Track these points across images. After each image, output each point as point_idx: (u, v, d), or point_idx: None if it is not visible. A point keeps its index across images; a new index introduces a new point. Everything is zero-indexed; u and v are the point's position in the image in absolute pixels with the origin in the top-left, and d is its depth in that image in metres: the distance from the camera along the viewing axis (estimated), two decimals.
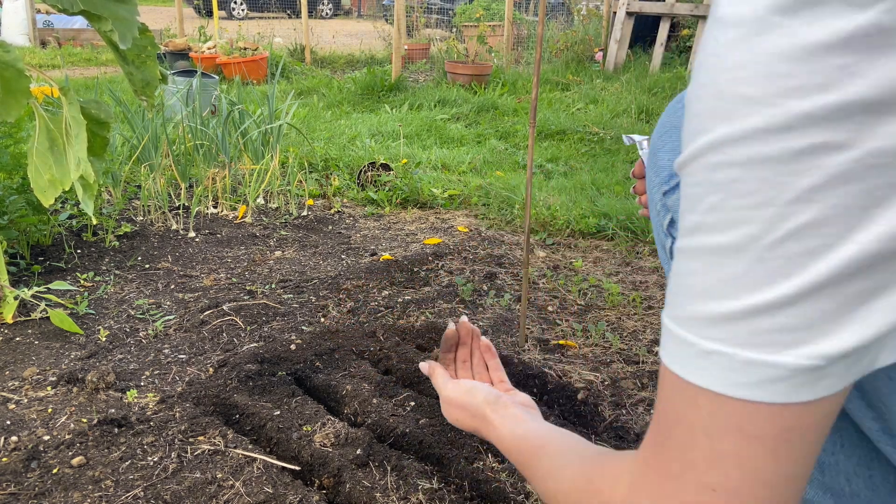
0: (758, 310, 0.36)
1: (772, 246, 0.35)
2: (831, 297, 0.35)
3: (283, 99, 4.30)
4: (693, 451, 0.41)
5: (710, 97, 0.36)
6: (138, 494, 1.13)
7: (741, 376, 0.37)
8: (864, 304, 0.35)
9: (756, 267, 0.36)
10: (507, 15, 7.58)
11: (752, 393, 0.37)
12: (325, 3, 17.86)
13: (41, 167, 1.37)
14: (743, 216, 0.36)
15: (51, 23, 9.61)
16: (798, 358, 0.36)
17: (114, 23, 1.19)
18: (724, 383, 0.38)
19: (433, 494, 1.13)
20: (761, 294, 0.36)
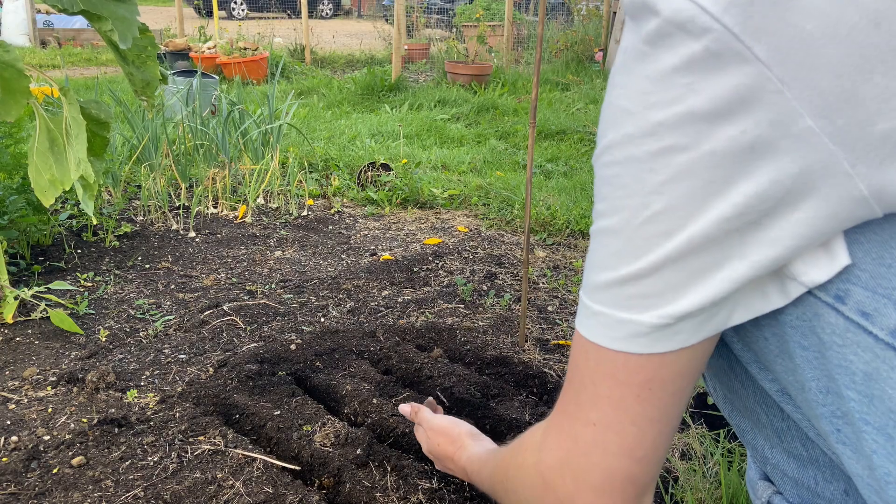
0: (627, 279, 0.46)
1: (637, 228, 0.44)
2: (678, 269, 0.44)
3: (283, 99, 4.31)
4: (582, 395, 0.51)
5: (607, 109, 0.45)
6: (138, 494, 1.13)
7: (615, 332, 0.47)
8: (703, 275, 0.44)
9: (627, 245, 0.45)
10: (507, 15, 7.58)
11: (622, 345, 0.47)
12: (325, 3, 17.86)
13: (41, 167, 1.37)
14: (620, 204, 0.45)
15: (51, 23, 9.61)
16: (653, 317, 0.45)
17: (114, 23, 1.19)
18: (604, 337, 0.48)
19: (433, 494, 1.13)
20: (629, 267, 0.45)
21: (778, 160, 0.40)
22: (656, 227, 0.43)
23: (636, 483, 0.51)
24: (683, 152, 0.41)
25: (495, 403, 1.43)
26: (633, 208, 0.44)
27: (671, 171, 0.42)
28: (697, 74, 0.40)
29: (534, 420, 1.37)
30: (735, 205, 0.42)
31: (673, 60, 0.41)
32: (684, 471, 1.23)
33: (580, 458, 0.52)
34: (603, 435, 0.50)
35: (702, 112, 0.41)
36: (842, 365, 0.45)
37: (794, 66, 0.38)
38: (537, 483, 0.57)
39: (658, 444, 0.51)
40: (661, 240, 0.43)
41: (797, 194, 0.41)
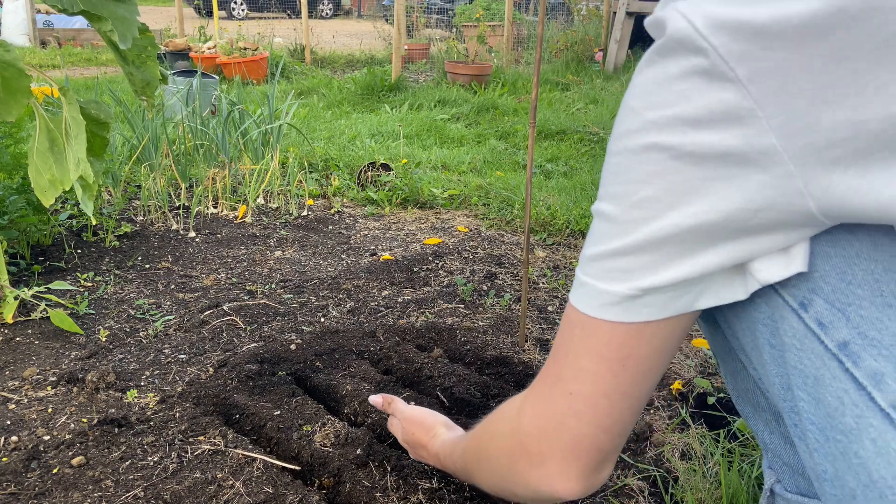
0: (610, 254, 0.52)
1: (624, 211, 0.50)
2: (653, 250, 0.50)
3: (283, 99, 4.31)
4: (564, 368, 0.58)
5: (622, 105, 0.51)
6: (138, 494, 1.13)
7: (595, 300, 0.54)
8: (673, 259, 0.50)
9: (614, 225, 0.51)
10: (507, 15, 7.58)
11: (599, 312, 0.54)
12: (325, 3, 17.86)
13: (42, 167, 1.37)
14: (614, 189, 0.51)
15: (51, 23, 9.61)
16: (625, 288, 0.51)
17: (114, 23, 1.19)
18: (586, 305, 0.55)
19: (433, 494, 1.13)
20: (613, 244, 0.51)
21: (745, 170, 0.46)
22: (640, 213, 0.49)
23: (602, 450, 0.58)
24: (668, 150, 0.47)
25: (495, 403, 1.42)
26: (623, 194, 0.50)
27: (657, 165, 0.48)
28: (690, 85, 0.46)
29: None
30: (707, 204, 0.47)
31: (673, 70, 0.47)
32: (684, 471, 1.23)
33: (555, 423, 0.59)
34: (578, 404, 0.57)
35: (689, 118, 0.46)
36: (797, 367, 0.50)
37: (769, 90, 0.43)
38: (512, 446, 0.63)
39: (625, 417, 0.58)
40: (642, 224, 0.49)
41: (760, 204, 0.46)
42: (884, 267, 0.47)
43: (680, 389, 1.49)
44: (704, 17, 0.44)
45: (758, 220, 0.47)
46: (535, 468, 0.61)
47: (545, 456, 0.60)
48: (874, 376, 0.47)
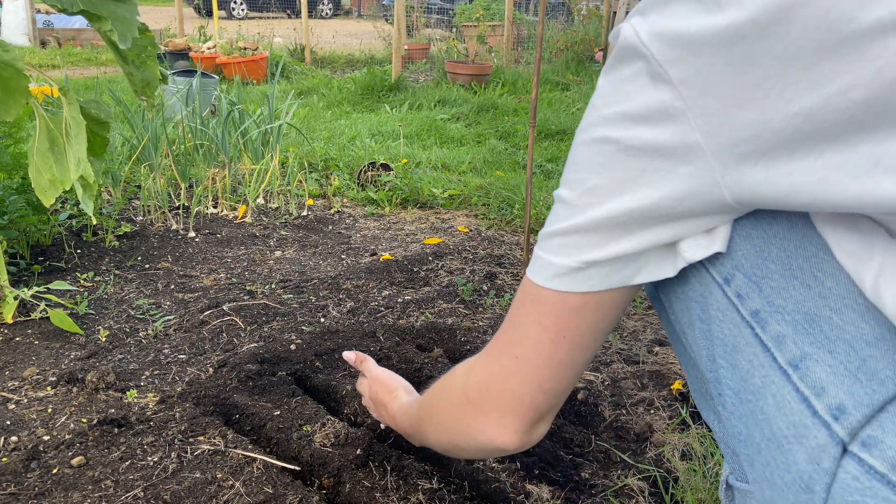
0: (561, 232, 0.59)
1: (577, 196, 0.57)
2: (597, 231, 0.57)
3: (283, 99, 4.31)
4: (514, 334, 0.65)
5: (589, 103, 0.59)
6: (138, 495, 1.12)
7: (546, 272, 0.60)
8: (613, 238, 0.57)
9: (569, 208, 0.58)
10: (507, 15, 7.58)
11: (549, 283, 0.60)
12: (325, 3, 17.85)
13: (42, 167, 1.37)
14: (572, 177, 0.58)
15: (51, 23, 9.61)
16: (571, 261, 0.58)
17: (114, 23, 1.19)
18: (538, 276, 0.61)
19: (433, 494, 1.13)
20: (565, 223, 0.58)
21: (674, 163, 0.52)
22: (590, 199, 0.56)
23: (539, 410, 0.66)
24: (615, 143, 0.54)
25: None
26: (578, 181, 0.58)
27: (606, 156, 0.55)
28: (635, 86, 0.52)
29: None
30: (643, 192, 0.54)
31: (624, 73, 0.53)
32: (684, 471, 1.23)
33: (500, 381, 0.66)
34: (521, 368, 0.64)
35: (632, 114, 0.53)
36: (719, 337, 0.57)
37: (696, 92, 0.49)
38: (460, 398, 0.72)
39: (562, 383, 0.65)
40: (590, 208, 0.56)
41: (684, 193, 0.53)
42: (795, 245, 0.54)
43: (680, 390, 1.49)
44: (647, 28, 0.51)
45: (683, 206, 0.54)
46: (478, 418, 0.68)
47: (488, 408, 0.67)
48: (777, 338, 0.53)
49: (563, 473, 1.22)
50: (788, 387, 0.52)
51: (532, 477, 1.19)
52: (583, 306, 0.61)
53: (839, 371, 0.51)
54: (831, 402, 0.51)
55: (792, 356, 0.52)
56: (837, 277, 0.53)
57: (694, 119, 0.50)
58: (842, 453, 0.50)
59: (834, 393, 0.51)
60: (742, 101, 0.48)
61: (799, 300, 0.53)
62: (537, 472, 1.20)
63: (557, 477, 1.21)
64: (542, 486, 1.16)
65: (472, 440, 0.70)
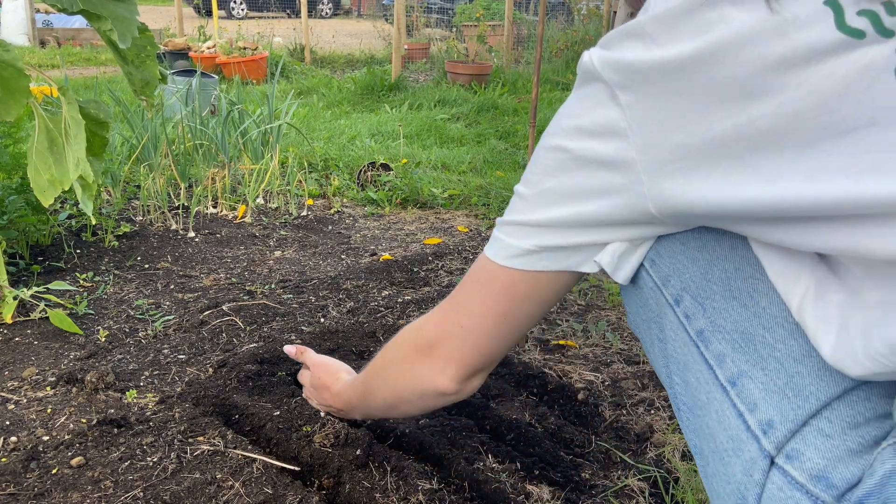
0: (520, 223, 0.67)
1: (534, 195, 0.65)
2: (549, 226, 0.65)
3: (283, 99, 4.30)
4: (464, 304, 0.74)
5: None
6: (137, 495, 1.12)
7: (505, 252, 0.68)
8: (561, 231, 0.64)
9: (527, 203, 0.66)
10: (507, 14, 7.57)
11: (507, 262, 0.68)
12: (325, 3, 17.84)
13: (41, 167, 1.36)
14: (531, 177, 0.66)
15: (50, 22, 9.60)
16: (528, 244, 0.66)
17: (113, 22, 1.19)
18: (496, 255, 0.69)
19: (433, 495, 1.13)
20: (525, 217, 0.66)
21: (613, 174, 0.58)
22: (543, 199, 0.64)
23: (475, 367, 0.76)
24: (568, 152, 0.61)
25: (495, 404, 1.42)
26: (536, 181, 0.65)
27: (559, 163, 0.62)
28: (591, 104, 0.59)
29: (534, 420, 1.37)
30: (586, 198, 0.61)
31: (585, 92, 0.60)
32: (685, 471, 1.23)
33: (445, 341, 0.76)
34: (466, 333, 0.74)
35: (585, 128, 0.60)
36: (673, 356, 0.62)
37: (637, 115, 0.56)
38: (410, 349, 0.81)
39: (499, 348, 0.75)
40: (542, 209, 0.64)
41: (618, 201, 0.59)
42: (735, 266, 0.59)
43: None
44: (598, 56, 0.59)
45: (618, 214, 0.61)
46: (424, 362, 0.78)
47: (433, 356, 0.77)
48: (718, 357, 0.57)
49: (563, 474, 1.22)
50: (727, 402, 0.56)
51: (532, 477, 1.19)
52: (532, 284, 0.69)
53: (769, 388, 0.55)
54: (762, 417, 0.54)
55: (730, 374, 0.56)
56: (771, 297, 0.57)
57: (633, 138, 0.56)
58: (769, 466, 0.53)
59: (764, 409, 0.54)
60: (672, 125, 0.54)
61: (737, 319, 0.57)
62: (537, 472, 1.20)
63: (558, 477, 1.20)
64: (542, 487, 1.16)
65: (416, 386, 0.80)
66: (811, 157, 0.49)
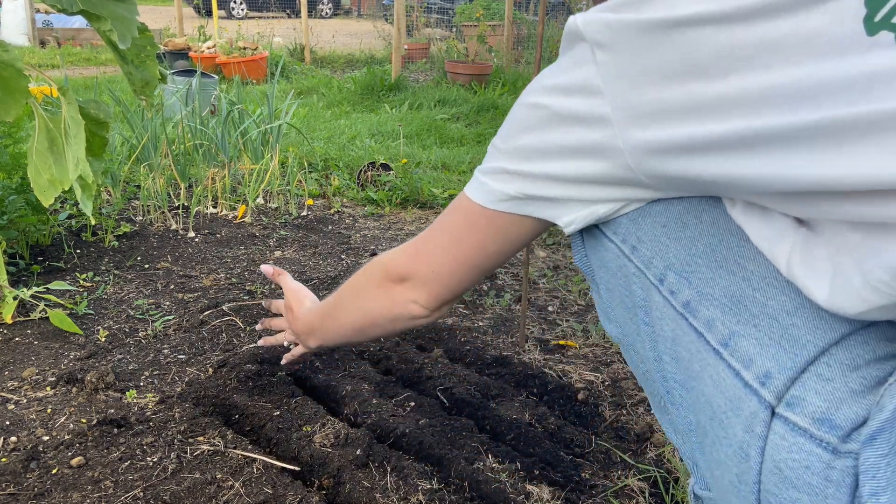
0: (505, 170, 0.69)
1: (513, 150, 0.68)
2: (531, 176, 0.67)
3: (283, 98, 4.30)
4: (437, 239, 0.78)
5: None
6: (138, 495, 1.12)
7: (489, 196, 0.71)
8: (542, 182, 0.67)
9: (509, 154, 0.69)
10: (507, 14, 7.57)
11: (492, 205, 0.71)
12: (325, 3, 17.84)
13: (41, 167, 1.36)
14: (510, 132, 0.69)
15: (50, 22, 9.60)
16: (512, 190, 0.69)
17: (113, 22, 1.19)
18: (481, 198, 0.72)
19: (433, 495, 1.13)
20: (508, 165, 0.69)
21: (588, 131, 0.61)
22: (523, 153, 0.67)
23: (442, 298, 0.80)
24: (546, 109, 0.64)
25: (495, 404, 1.42)
26: (511, 135, 0.68)
27: (538, 120, 0.65)
28: (570, 64, 0.62)
29: (534, 420, 1.37)
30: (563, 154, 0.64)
31: (567, 54, 0.63)
32: (685, 471, 1.23)
33: (418, 271, 0.80)
34: (436, 268, 0.78)
35: (564, 87, 0.63)
36: (661, 334, 0.63)
37: (611, 72, 0.58)
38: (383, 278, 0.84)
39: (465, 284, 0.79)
40: (523, 162, 0.67)
41: (595, 157, 0.62)
42: (718, 239, 0.61)
43: None
44: (583, 17, 0.61)
45: (598, 170, 0.62)
46: (397, 287, 0.82)
47: (406, 284, 0.81)
48: (707, 323, 0.58)
49: (563, 474, 1.22)
50: (721, 364, 0.57)
51: (532, 477, 1.19)
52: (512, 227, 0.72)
53: (764, 342, 0.56)
54: (758, 370, 0.55)
55: (721, 336, 0.57)
56: (758, 261, 0.58)
57: (607, 94, 0.58)
58: (770, 417, 0.54)
59: (760, 362, 0.55)
60: (643, 82, 0.56)
61: (725, 286, 0.59)
62: (537, 472, 1.20)
63: (558, 477, 1.20)
64: (542, 487, 1.16)
65: (390, 310, 0.84)
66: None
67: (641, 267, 0.65)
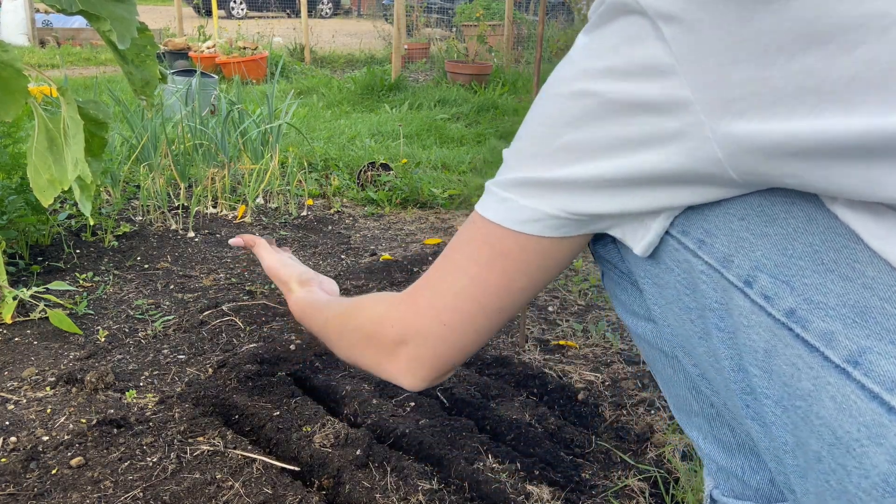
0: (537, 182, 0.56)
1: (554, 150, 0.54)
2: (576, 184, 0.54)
3: (283, 98, 4.30)
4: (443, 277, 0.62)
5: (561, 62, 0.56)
6: (137, 495, 1.12)
7: (517, 214, 0.57)
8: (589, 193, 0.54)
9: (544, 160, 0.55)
10: (507, 14, 7.57)
11: (521, 226, 0.57)
12: (325, 3, 17.84)
13: (40, 167, 1.36)
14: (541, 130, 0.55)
15: (50, 22, 9.60)
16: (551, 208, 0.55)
17: (112, 22, 1.19)
18: (507, 219, 0.57)
19: (433, 495, 1.13)
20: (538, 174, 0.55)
21: (661, 119, 0.50)
22: (566, 154, 0.54)
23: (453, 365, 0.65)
24: (596, 97, 0.52)
25: (495, 404, 1.42)
26: (545, 134, 0.55)
27: (583, 110, 0.52)
28: (622, 41, 0.51)
29: (534, 420, 1.37)
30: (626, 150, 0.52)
31: (612, 28, 0.51)
32: (685, 471, 1.22)
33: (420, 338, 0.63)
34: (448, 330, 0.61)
35: (618, 69, 0.51)
36: (747, 344, 0.53)
37: (690, 48, 0.48)
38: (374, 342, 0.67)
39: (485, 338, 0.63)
40: (566, 164, 0.54)
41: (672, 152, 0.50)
42: (821, 239, 0.51)
43: None
44: None
45: (672, 166, 0.51)
46: (390, 362, 0.66)
47: (402, 358, 0.65)
48: (825, 336, 0.49)
49: (563, 474, 1.21)
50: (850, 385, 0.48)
51: (532, 477, 1.19)
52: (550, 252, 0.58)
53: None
54: None
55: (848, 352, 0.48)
56: (877, 265, 0.49)
57: (685, 75, 0.48)
58: None
59: None
60: (737, 58, 0.46)
61: (841, 294, 0.50)
62: (537, 472, 1.20)
63: (558, 477, 1.20)
64: (542, 487, 1.16)
65: (378, 372, 0.69)
66: None
67: (715, 265, 0.54)
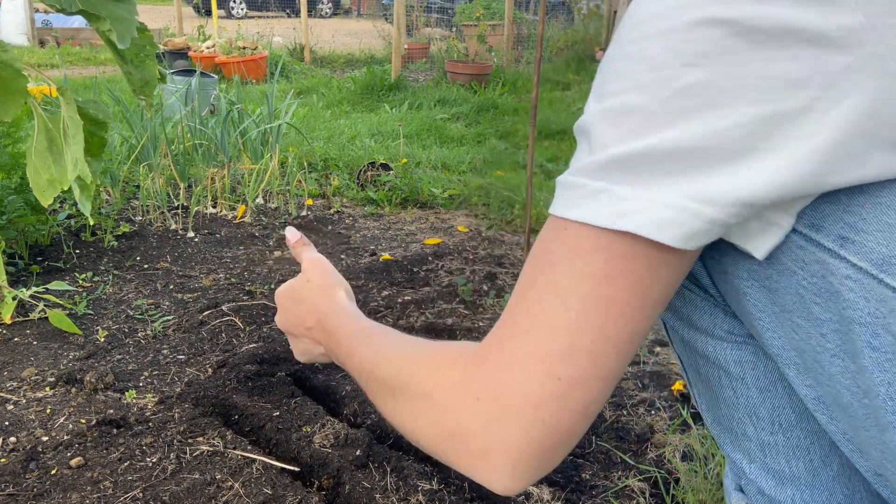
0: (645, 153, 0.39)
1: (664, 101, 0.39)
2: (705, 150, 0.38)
3: (283, 98, 4.30)
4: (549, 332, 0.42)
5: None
6: (137, 495, 1.12)
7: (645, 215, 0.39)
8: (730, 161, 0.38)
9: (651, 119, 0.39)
10: (507, 14, 7.57)
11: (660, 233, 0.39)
12: (325, 3, 17.84)
13: (40, 167, 1.36)
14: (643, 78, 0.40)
15: (49, 22, 9.60)
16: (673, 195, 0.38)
17: (112, 22, 1.19)
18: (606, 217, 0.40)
19: (433, 495, 1.13)
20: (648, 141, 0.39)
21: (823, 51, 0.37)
22: (689, 102, 0.38)
23: (572, 444, 0.45)
24: (727, 25, 0.37)
25: None
26: (660, 80, 0.39)
27: (708, 43, 0.38)
28: None
29: None
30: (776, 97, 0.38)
31: None
32: (685, 472, 1.22)
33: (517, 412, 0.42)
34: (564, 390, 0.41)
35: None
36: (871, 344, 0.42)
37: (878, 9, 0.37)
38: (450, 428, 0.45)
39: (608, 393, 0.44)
40: (692, 115, 0.38)
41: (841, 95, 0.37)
42: None
43: (681, 390, 1.49)
44: None
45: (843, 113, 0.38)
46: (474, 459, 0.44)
47: (490, 452, 0.43)
48: None
49: (563, 474, 1.21)
50: None
51: None
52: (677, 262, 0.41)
53: None
54: None
55: None
56: None
57: (876, 32, 0.37)
58: None
59: None
60: None
61: None
62: None
63: (558, 478, 1.20)
64: (542, 487, 1.16)
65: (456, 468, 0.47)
66: None
67: (870, 269, 0.41)
